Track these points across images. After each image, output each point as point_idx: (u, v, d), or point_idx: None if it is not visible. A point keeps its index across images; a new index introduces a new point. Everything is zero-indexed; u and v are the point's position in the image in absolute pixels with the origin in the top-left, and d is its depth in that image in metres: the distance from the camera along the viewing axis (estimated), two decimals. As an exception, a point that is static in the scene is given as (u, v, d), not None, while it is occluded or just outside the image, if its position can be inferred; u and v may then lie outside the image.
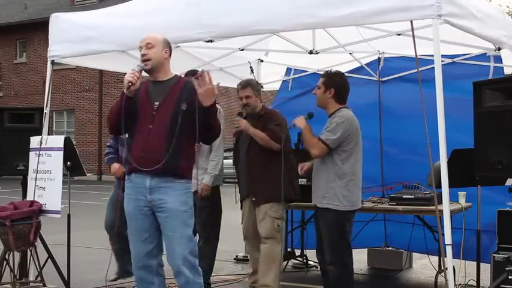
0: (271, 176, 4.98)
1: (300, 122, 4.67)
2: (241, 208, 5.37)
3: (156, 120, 3.85)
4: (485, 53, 5.79)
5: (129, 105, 3.84)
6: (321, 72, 7.09)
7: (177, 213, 3.82)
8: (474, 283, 5.14)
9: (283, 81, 7.62)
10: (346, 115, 4.54)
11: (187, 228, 3.86)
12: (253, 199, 5.14)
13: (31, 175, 5.36)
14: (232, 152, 5.49)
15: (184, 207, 3.85)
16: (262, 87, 7.43)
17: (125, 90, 3.81)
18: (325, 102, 4.65)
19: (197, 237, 4.63)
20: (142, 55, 3.92)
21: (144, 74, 3.93)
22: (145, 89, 3.94)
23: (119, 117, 3.85)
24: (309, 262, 6.94)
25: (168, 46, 4.01)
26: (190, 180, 3.98)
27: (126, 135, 4.08)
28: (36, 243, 5.16)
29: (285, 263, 6.77)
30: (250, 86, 5.23)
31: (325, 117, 4.71)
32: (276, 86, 7.74)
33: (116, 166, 5.47)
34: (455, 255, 4.13)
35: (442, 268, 4.21)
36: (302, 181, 5.64)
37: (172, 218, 3.81)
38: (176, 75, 4.09)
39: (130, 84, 3.77)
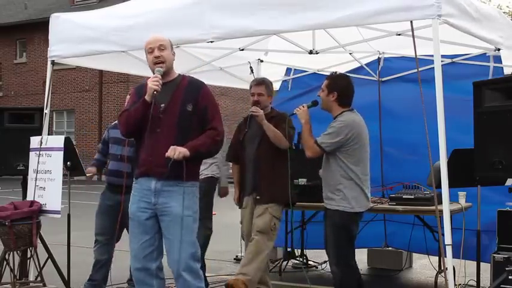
0: (277, 176, 4.94)
1: (302, 113, 4.59)
2: (240, 207, 5.29)
3: (163, 123, 3.80)
4: (485, 53, 5.79)
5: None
6: (321, 73, 7.16)
7: (181, 217, 3.76)
8: (474, 283, 5.14)
9: (283, 81, 7.62)
10: (347, 120, 4.43)
11: (190, 233, 3.81)
12: (258, 197, 5.03)
13: (31, 175, 5.36)
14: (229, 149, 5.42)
15: (189, 212, 3.80)
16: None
17: (146, 97, 3.75)
18: (329, 106, 4.55)
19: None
20: (156, 57, 3.85)
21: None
22: None
23: (138, 122, 3.81)
24: (309, 262, 6.94)
25: (172, 48, 4.00)
26: (197, 183, 3.93)
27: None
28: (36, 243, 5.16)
29: (285, 263, 6.77)
30: (265, 84, 5.20)
31: (330, 118, 4.63)
32: (276, 86, 7.70)
33: (91, 170, 5.40)
34: (455, 255, 4.14)
35: (442, 268, 4.21)
36: (302, 181, 5.64)
37: (175, 223, 3.76)
38: (180, 74, 4.03)
39: (155, 92, 3.73)
